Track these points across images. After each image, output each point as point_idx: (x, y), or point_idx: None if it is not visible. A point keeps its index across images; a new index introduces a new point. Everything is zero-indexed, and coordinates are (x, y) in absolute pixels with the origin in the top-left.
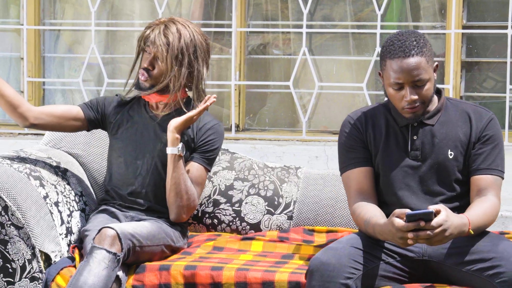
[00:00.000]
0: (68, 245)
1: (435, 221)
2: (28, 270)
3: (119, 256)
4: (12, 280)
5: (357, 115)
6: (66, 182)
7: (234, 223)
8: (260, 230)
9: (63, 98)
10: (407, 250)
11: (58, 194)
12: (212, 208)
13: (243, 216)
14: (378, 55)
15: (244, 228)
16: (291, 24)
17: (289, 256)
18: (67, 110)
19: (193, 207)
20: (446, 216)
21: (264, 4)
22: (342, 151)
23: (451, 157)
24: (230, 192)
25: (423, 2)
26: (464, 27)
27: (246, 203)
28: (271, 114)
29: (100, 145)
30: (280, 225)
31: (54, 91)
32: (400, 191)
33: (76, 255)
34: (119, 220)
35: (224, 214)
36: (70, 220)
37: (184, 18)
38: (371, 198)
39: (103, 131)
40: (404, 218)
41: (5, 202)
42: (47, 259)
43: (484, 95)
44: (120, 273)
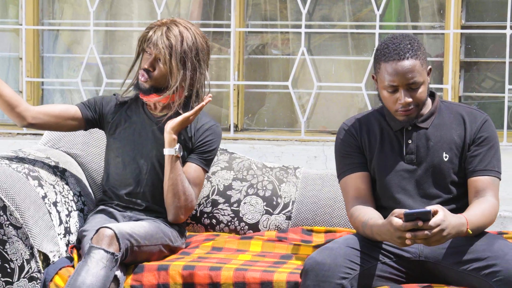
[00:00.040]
0: (67, 245)
1: (433, 221)
2: (26, 270)
3: (117, 255)
4: (11, 280)
5: (351, 122)
6: (64, 182)
7: (233, 223)
8: (259, 230)
9: (62, 98)
10: (403, 250)
11: (56, 194)
12: (210, 208)
13: (242, 216)
14: None
15: (242, 228)
16: (290, 24)
17: (287, 256)
18: (65, 110)
19: (190, 208)
20: (444, 216)
21: (263, 4)
22: (338, 158)
23: (446, 159)
24: (229, 192)
25: (422, 2)
26: (463, 27)
27: (245, 203)
28: (269, 114)
29: (99, 145)
30: (278, 225)
31: (52, 91)
32: (397, 195)
33: (75, 255)
34: (117, 220)
35: (223, 214)
36: (69, 220)
37: (183, 18)
38: (368, 202)
39: (102, 131)
40: (403, 218)
41: (3, 202)
42: (46, 259)
43: (482, 95)
44: (118, 272)
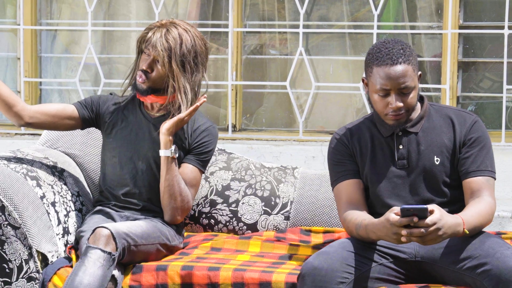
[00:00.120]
0: (65, 245)
1: (430, 219)
2: (25, 270)
3: (114, 255)
4: (9, 280)
5: (342, 131)
6: (63, 182)
7: (231, 223)
8: (257, 231)
9: (60, 98)
10: (399, 251)
11: (55, 194)
12: (209, 208)
13: (240, 216)
14: None
15: (241, 228)
16: (287, 24)
17: (286, 257)
18: (61, 109)
19: (187, 209)
20: (440, 215)
21: (260, 4)
22: (331, 166)
23: (437, 163)
24: (227, 192)
25: (420, 2)
26: (461, 27)
27: (243, 203)
28: (268, 114)
29: (97, 145)
30: (277, 225)
31: (50, 91)
32: (391, 201)
33: (73, 255)
34: (114, 220)
35: (221, 214)
36: (67, 220)
37: (180, 18)
38: (361, 208)
39: (100, 131)
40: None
41: (2, 202)
42: (44, 259)
43: (480, 95)
44: (115, 272)
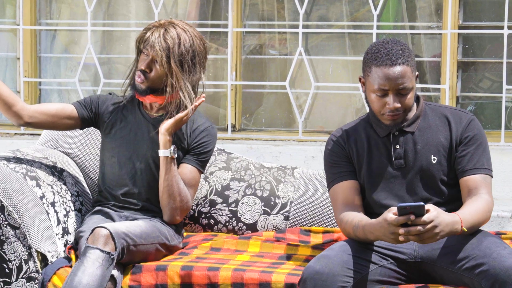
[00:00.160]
0: (65, 245)
1: (426, 216)
2: (24, 270)
3: (113, 255)
4: (9, 280)
5: (339, 133)
6: (62, 182)
7: (231, 223)
8: (257, 231)
9: (60, 98)
10: (399, 252)
11: (54, 194)
12: (208, 208)
13: (240, 216)
14: None
15: (240, 228)
16: (287, 24)
17: (286, 257)
18: (61, 109)
19: (186, 209)
20: (436, 213)
21: (260, 4)
22: (327, 167)
23: (434, 162)
24: (227, 192)
25: (419, 2)
26: (460, 27)
27: (243, 203)
28: (267, 114)
29: (97, 145)
30: (276, 225)
31: (50, 91)
32: (389, 201)
33: (72, 255)
34: (113, 220)
35: (221, 214)
36: (67, 220)
37: (179, 18)
38: (357, 210)
39: (99, 131)
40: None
41: (1, 202)
42: (44, 259)
43: (480, 95)
44: (115, 272)
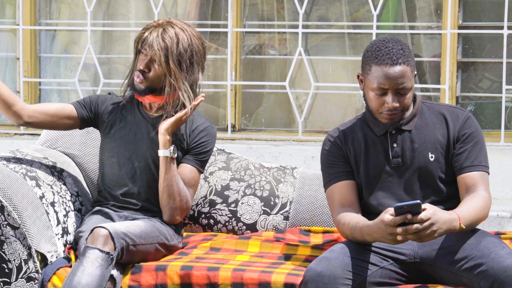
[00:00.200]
0: (64, 245)
1: (423, 214)
2: (24, 270)
3: (112, 255)
4: (8, 281)
5: (335, 133)
6: (62, 182)
7: (230, 223)
8: (256, 231)
9: (59, 98)
10: (398, 253)
11: (54, 194)
12: (208, 208)
13: (239, 216)
14: None
15: (240, 228)
16: (287, 24)
17: (285, 257)
18: (60, 109)
19: (186, 209)
20: (433, 211)
21: (260, 4)
22: (324, 168)
23: (432, 159)
24: (226, 193)
25: (419, 3)
26: (460, 27)
27: (242, 203)
28: (267, 114)
29: (96, 145)
30: (276, 225)
31: (50, 91)
32: (387, 200)
33: (72, 255)
34: (113, 220)
35: (220, 214)
36: (66, 220)
37: (179, 18)
38: (355, 210)
39: (99, 131)
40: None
41: (1, 202)
42: (43, 259)
43: (480, 96)
44: (114, 272)
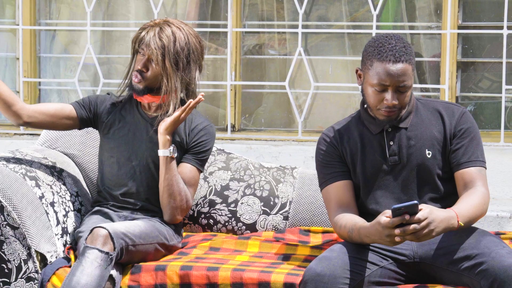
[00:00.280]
0: (64, 245)
1: (420, 213)
2: (24, 270)
3: (111, 255)
4: (8, 281)
5: (331, 132)
6: (62, 183)
7: (230, 223)
8: (256, 231)
9: (59, 98)
10: (398, 253)
11: (53, 194)
12: (208, 208)
13: (239, 216)
14: None
15: (240, 228)
16: (286, 24)
17: (285, 257)
18: (60, 109)
19: (186, 208)
20: (429, 210)
21: (259, 4)
22: (320, 168)
23: (429, 156)
24: (226, 193)
25: (419, 3)
26: (460, 27)
27: (242, 203)
28: (267, 114)
29: (96, 145)
30: (276, 225)
31: (49, 91)
32: (384, 199)
33: (72, 256)
34: (112, 220)
35: (220, 214)
36: (66, 221)
37: (179, 18)
38: (351, 210)
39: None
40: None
41: (0, 202)
42: (43, 260)
43: (479, 96)
44: (113, 272)
